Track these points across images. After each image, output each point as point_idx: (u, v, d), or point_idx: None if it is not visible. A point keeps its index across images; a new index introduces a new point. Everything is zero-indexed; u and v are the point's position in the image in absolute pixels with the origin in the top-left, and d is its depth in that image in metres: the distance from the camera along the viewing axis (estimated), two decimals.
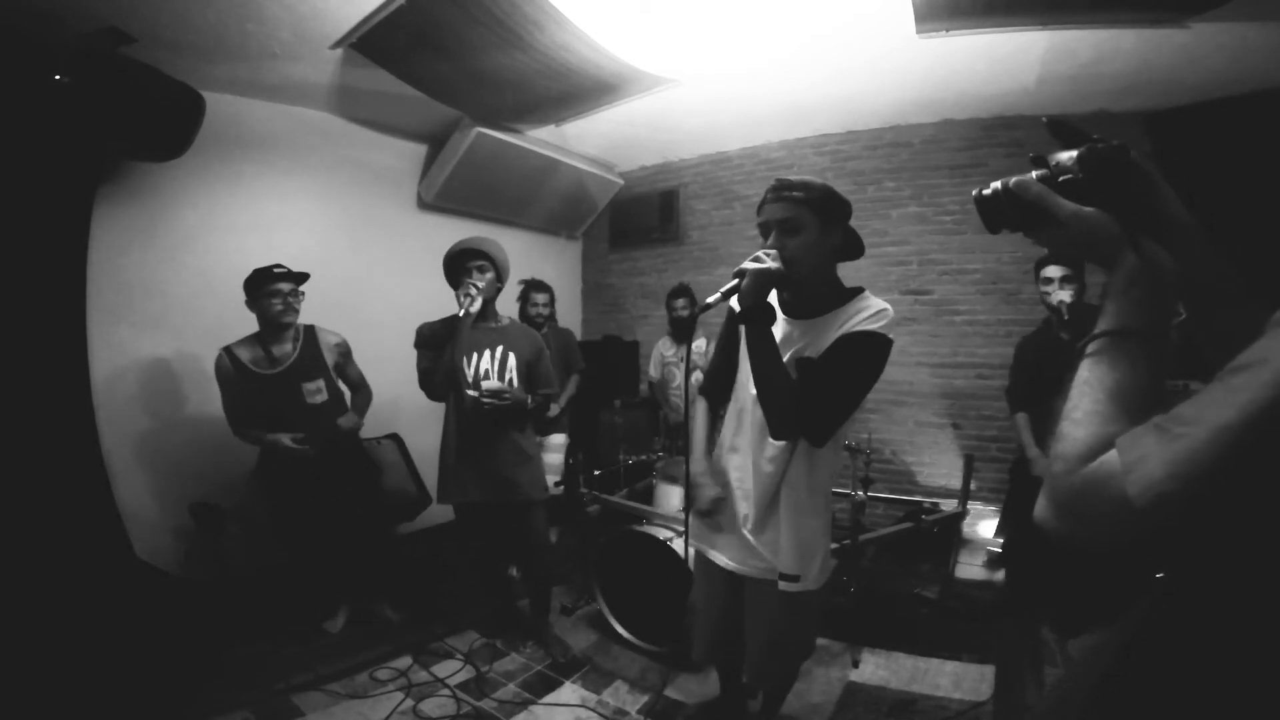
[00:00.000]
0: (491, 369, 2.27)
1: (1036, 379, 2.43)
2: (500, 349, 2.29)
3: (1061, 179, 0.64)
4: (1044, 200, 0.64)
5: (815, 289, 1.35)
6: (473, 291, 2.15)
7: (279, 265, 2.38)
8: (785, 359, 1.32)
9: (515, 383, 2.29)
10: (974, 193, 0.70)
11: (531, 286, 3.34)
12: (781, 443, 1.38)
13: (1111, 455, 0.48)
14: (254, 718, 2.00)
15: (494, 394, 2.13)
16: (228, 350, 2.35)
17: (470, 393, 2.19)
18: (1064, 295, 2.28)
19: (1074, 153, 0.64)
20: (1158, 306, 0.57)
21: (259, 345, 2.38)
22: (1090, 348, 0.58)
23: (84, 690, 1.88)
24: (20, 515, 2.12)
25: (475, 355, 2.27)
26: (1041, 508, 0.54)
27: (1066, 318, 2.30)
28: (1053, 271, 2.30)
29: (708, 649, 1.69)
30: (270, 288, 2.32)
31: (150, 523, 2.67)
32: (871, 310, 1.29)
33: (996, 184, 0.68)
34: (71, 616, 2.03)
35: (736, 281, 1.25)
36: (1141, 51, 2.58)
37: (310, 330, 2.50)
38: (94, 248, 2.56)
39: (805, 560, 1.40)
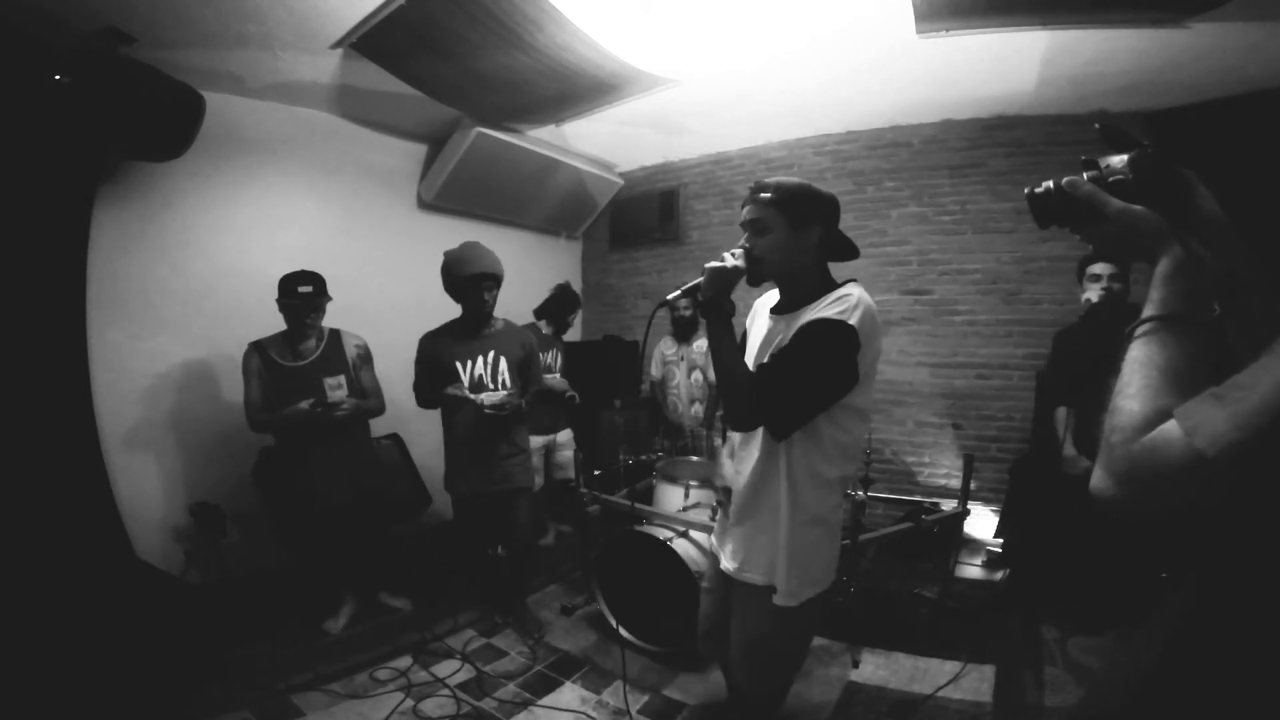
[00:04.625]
0: (485, 374, 2.48)
1: (1076, 373, 2.42)
2: (492, 354, 2.49)
3: (1112, 180, 0.69)
4: (1094, 198, 0.69)
5: (797, 286, 1.36)
6: (505, 384, 2.48)
7: (305, 273, 2.48)
8: (767, 356, 1.33)
9: (508, 384, 2.47)
10: (1026, 191, 0.75)
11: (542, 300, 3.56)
12: (757, 444, 1.36)
13: (1170, 424, 0.52)
14: (254, 718, 2.00)
15: (496, 407, 2.34)
16: (256, 344, 2.49)
17: (475, 397, 2.39)
18: (1104, 289, 2.34)
19: (1125, 156, 0.69)
20: (1199, 295, 0.63)
21: (285, 342, 2.52)
22: (1139, 331, 0.63)
23: (84, 690, 1.88)
24: (21, 515, 2.12)
25: (470, 361, 2.47)
26: (1099, 478, 0.57)
27: (1095, 302, 2.35)
28: (1100, 269, 2.36)
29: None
30: (295, 290, 2.45)
31: (150, 523, 2.67)
32: (836, 297, 1.26)
33: (1049, 183, 0.73)
34: (71, 616, 2.03)
35: (699, 280, 1.30)
36: (1141, 51, 2.58)
37: (335, 332, 2.64)
38: (94, 248, 2.56)
39: (776, 570, 1.32)
